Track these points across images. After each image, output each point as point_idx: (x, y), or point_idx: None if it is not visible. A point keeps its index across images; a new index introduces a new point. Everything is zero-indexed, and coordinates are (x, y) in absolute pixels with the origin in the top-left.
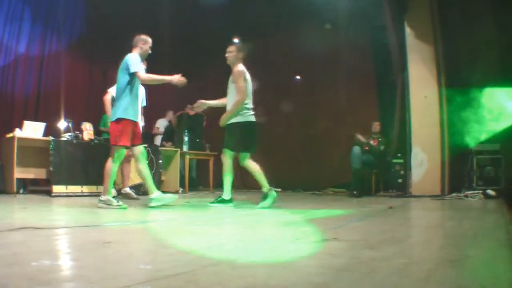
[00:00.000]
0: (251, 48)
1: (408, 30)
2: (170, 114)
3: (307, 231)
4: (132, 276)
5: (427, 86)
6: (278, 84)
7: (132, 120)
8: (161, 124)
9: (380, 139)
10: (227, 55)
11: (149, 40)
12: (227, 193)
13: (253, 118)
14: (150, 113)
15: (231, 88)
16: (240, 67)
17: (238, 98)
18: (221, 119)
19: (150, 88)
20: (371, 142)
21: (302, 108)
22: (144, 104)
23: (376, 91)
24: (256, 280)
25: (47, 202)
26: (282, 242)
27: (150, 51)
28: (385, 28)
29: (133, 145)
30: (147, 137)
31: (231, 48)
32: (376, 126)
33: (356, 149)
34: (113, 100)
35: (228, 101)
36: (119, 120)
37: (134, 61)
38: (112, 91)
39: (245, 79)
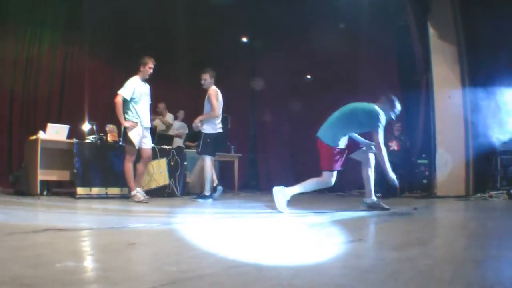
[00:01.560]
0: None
1: (431, 31)
2: (182, 114)
3: (332, 233)
4: (156, 277)
5: (450, 86)
6: (299, 85)
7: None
8: (175, 126)
9: (402, 138)
10: (202, 81)
11: (396, 106)
12: (208, 190)
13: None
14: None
15: (207, 105)
16: (214, 89)
17: (212, 114)
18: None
19: (157, 88)
20: (394, 144)
21: (326, 108)
22: (150, 101)
23: (400, 92)
24: (281, 282)
25: (71, 204)
26: (307, 243)
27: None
28: (409, 29)
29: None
30: (167, 138)
31: (206, 76)
32: (397, 128)
33: None
34: (125, 102)
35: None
36: (331, 148)
37: (382, 120)
38: (123, 93)
39: (217, 99)
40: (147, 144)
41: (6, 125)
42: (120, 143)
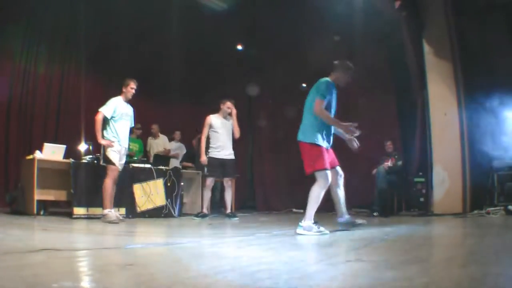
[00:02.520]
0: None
1: (426, 48)
2: (178, 135)
3: (330, 252)
4: None
5: (446, 103)
6: (295, 104)
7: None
8: (172, 147)
9: (396, 156)
10: (230, 109)
11: (349, 66)
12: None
13: None
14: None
15: (230, 131)
16: None
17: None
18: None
19: (155, 110)
20: (389, 162)
21: None
22: (132, 124)
23: (396, 110)
24: None
25: (67, 224)
26: (305, 263)
27: (343, 83)
28: (404, 46)
29: (333, 167)
30: (164, 159)
31: (231, 104)
32: (389, 146)
33: (381, 168)
34: (105, 120)
35: (230, 141)
36: (313, 145)
37: (321, 88)
38: (103, 111)
39: None
40: (120, 166)
41: (3, 144)
42: (101, 163)
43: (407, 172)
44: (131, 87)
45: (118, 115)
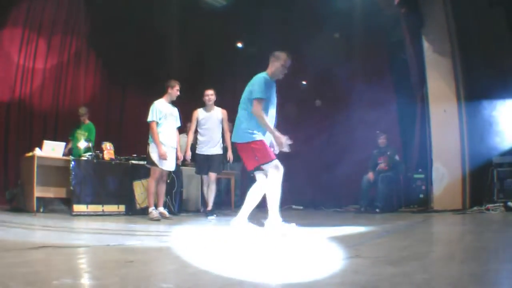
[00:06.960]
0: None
1: (426, 45)
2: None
3: (329, 249)
4: None
5: (446, 100)
6: (295, 102)
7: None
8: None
9: (389, 153)
10: (210, 98)
11: (282, 56)
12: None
13: None
14: None
15: (217, 125)
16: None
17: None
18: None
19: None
20: (382, 163)
21: (322, 125)
22: (179, 124)
23: (396, 106)
24: None
25: (67, 221)
26: (305, 260)
27: (284, 71)
28: (403, 43)
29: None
30: None
31: (211, 92)
32: (382, 140)
33: (365, 178)
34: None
35: (215, 135)
36: (253, 142)
37: (260, 86)
38: (153, 119)
39: None
40: (166, 165)
41: (2, 142)
42: (145, 164)
43: (406, 168)
44: (177, 89)
45: (162, 116)
